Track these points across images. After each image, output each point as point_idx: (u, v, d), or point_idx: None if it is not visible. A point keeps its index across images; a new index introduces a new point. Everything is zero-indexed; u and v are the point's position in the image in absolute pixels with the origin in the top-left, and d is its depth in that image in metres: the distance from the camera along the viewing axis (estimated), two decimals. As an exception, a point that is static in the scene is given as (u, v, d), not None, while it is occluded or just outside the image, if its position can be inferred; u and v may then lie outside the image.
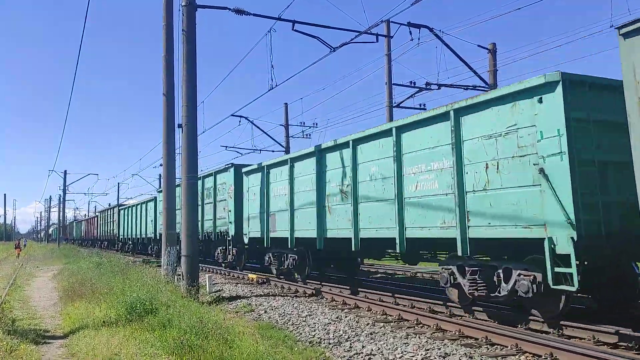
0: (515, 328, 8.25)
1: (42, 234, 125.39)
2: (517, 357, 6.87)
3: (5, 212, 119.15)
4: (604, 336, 7.28)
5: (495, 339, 7.60)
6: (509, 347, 7.23)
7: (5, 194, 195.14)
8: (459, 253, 8.55)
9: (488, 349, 7.37)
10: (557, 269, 7.12)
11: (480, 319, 9.10)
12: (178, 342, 6.88)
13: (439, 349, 7.29)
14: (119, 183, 69.36)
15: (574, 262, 6.91)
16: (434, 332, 8.52)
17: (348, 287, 13.44)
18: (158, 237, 27.06)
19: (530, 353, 6.92)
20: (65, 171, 61.94)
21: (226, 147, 34.24)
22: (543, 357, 6.66)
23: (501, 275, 8.32)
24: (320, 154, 12.94)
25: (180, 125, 13.53)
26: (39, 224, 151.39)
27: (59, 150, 73.79)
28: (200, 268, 16.39)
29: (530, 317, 8.31)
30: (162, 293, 10.45)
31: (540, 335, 7.57)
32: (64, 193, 63.78)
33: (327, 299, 12.46)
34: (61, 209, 70.63)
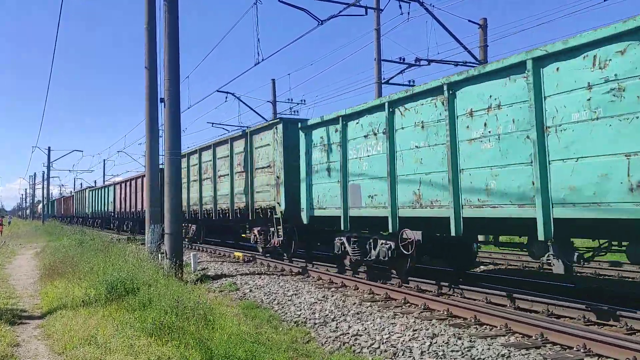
0: (505, 308, 8.12)
1: (27, 211, 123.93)
2: (506, 337, 6.71)
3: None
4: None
5: (484, 318, 7.44)
6: (498, 327, 7.07)
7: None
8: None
9: (477, 329, 7.21)
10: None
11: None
12: (157, 324, 6.64)
13: (427, 329, 7.11)
14: (104, 160, 68.44)
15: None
16: (421, 312, 8.35)
17: (335, 266, 13.26)
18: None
19: (520, 333, 6.76)
20: (49, 147, 61.11)
21: (212, 123, 33.82)
22: (533, 337, 6.51)
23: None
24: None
25: (162, 100, 13.10)
26: (24, 201, 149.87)
27: (41, 126, 72.45)
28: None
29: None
30: (144, 272, 10.17)
31: (531, 315, 7.44)
32: (48, 170, 62.98)
33: (313, 277, 12.26)
34: (45, 186, 69.68)
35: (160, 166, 15.20)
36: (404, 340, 6.68)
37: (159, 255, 13.39)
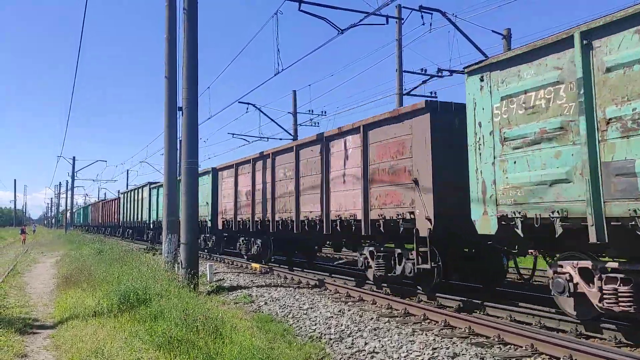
0: (530, 327, 7.70)
1: (53, 220, 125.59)
2: (532, 358, 6.32)
3: (15, 198, 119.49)
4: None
5: (508, 337, 7.05)
6: (523, 348, 6.68)
7: (15, 180, 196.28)
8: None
9: (501, 349, 6.82)
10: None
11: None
12: (166, 337, 6.42)
13: (448, 348, 6.76)
14: (127, 170, 69.07)
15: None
16: (442, 329, 7.98)
17: (353, 279, 12.94)
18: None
19: (547, 354, 6.36)
20: (74, 157, 61.95)
21: (233, 134, 33.95)
22: (561, 359, 6.11)
23: None
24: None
25: (180, 109, 13.02)
26: (49, 210, 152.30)
27: (65, 137, 73.67)
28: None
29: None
30: (158, 282, 10.00)
31: (558, 335, 7.02)
32: (73, 179, 63.79)
33: (330, 290, 11.95)
34: (69, 195, 70.58)
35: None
36: (422, 360, 6.35)
37: (175, 265, 13.25)
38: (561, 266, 7.24)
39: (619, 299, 6.40)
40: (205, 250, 22.76)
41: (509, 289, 10.79)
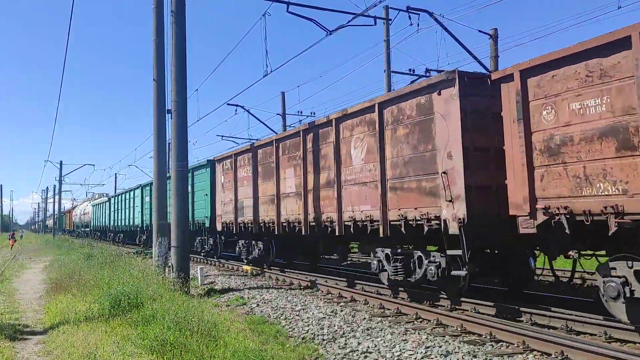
0: (521, 324, 7.76)
1: (41, 225, 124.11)
2: (524, 355, 6.37)
3: (1, 203, 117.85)
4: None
5: (500, 335, 7.10)
6: (515, 345, 6.74)
7: (1, 185, 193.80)
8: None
9: (493, 346, 6.87)
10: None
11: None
12: (159, 340, 6.39)
13: (440, 346, 6.79)
14: (116, 174, 68.59)
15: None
16: (434, 328, 8.03)
17: (344, 280, 12.95)
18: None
19: (538, 351, 6.42)
20: (61, 162, 61.32)
21: (222, 136, 33.88)
22: (553, 355, 6.17)
23: None
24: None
25: (169, 111, 12.96)
26: (37, 215, 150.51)
27: (52, 141, 73.01)
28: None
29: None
30: (149, 286, 9.95)
31: (550, 332, 7.09)
32: (60, 184, 63.20)
33: (322, 291, 11.96)
34: (56, 200, 69.93)
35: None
36: (415, 358, 6.37)
37: (166, 269, 13.18)
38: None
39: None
40: None
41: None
